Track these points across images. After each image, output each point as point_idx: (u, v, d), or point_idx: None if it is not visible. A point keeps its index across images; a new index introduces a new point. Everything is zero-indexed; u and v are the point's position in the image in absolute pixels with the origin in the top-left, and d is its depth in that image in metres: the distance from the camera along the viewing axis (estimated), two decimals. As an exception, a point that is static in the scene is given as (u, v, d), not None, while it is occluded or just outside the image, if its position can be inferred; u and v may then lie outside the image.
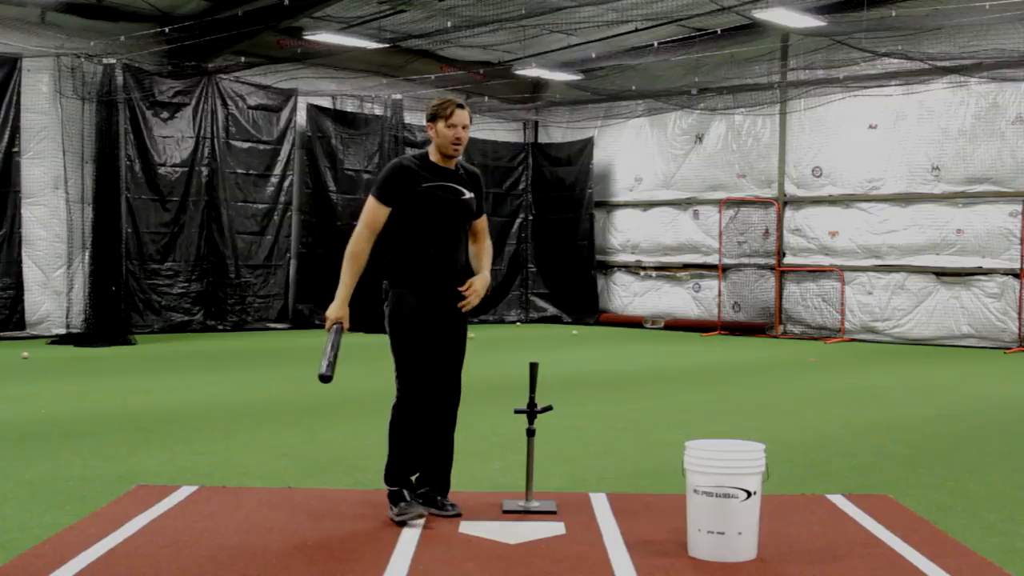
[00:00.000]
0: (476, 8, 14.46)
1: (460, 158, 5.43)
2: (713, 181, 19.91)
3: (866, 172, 17.95)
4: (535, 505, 5.42)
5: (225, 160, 17.51)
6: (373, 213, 5.23)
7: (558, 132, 22.13)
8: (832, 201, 18.40)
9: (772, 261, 19.04)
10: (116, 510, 5.34)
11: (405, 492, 5.21)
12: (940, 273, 17.18)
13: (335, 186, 18.65)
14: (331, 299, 5.25)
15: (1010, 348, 16.18)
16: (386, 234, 5.32)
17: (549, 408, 5.66)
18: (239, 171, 17.73)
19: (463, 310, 5.31)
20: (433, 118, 5.27)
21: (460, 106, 5.28)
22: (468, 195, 5.35)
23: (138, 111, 16.41)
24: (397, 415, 5.25)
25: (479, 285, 5.34)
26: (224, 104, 17.49)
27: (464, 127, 5.24)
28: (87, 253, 15.68)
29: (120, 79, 15.69)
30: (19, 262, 15.43)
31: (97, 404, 9.23)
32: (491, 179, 21.07)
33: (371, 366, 5.48)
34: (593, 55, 17.75)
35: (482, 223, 5.55)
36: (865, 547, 4.85)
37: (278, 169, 18.21)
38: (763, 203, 19.13)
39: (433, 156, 5.32)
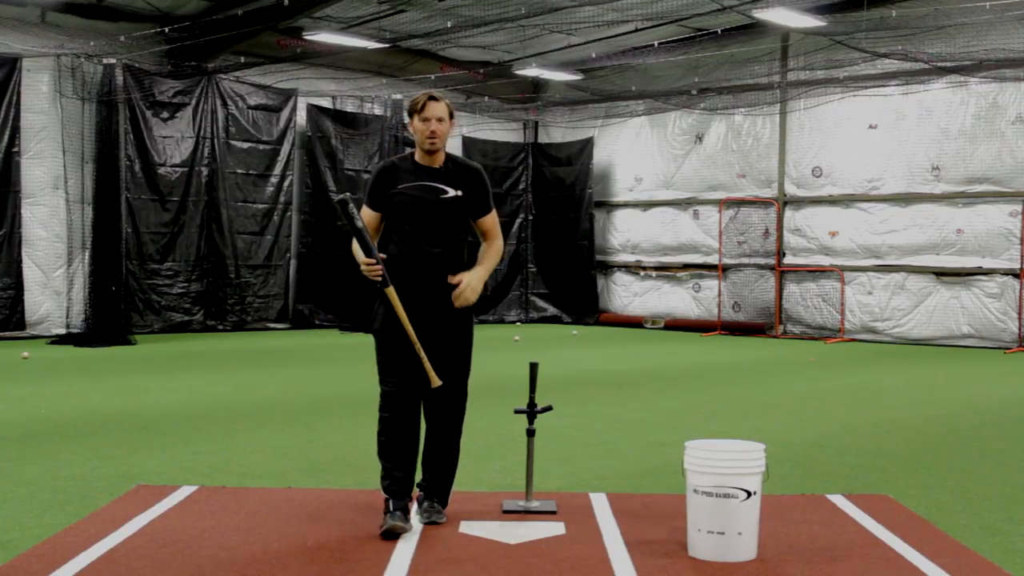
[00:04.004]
0: (476, 8, 14.46)
1: (458, 155, 5.33)
2: (713, 181, 19.91)
3: (866, 172, 17.95)
4: (535, 505, 5.42)
5: (225, 160, 17.51)
6: (363, 215, 5.10)
7: (558, 132, 22.12)
8: (832, 201, 18.40)
9: (772, 261, 19.04)
10: (116, 510, 5.34)
11: (390, 503, 4.97)
12: (940, 273, 17.18)
13: (335, 186, 18.62)
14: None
15: (1010, 348, 16.18)
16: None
17: (549, 408, 5.66)
18: (239, 171, 17.72)
19: (456, 305, 5.06)
20: (410, 114, 5.13)
21: (433, 98, 5.07)
22: (452, 193, 5.10)
23: (138, 111, 16.41)
24: (379, 418, 5.11)
25: (467, 278, 5.05)
26: (224, 104, 17.49)
27: (439, 119, 5.03)
28: (87, 253, 15.68)
29: (120, 79, 15.68)
30: (19, 262, 15.43)
31: (97, 404, 9.22)
32: (491, 179, 20.71)
33: (371, 366, 5.47)
34: (593, 55, 17.75)
35: (488, 222, 5.30)
36: (865, 547, 4.85)
37: (278, 169, 18.21)
38: (763, 203, 19.12)
39: (417, 155, 5.15)
